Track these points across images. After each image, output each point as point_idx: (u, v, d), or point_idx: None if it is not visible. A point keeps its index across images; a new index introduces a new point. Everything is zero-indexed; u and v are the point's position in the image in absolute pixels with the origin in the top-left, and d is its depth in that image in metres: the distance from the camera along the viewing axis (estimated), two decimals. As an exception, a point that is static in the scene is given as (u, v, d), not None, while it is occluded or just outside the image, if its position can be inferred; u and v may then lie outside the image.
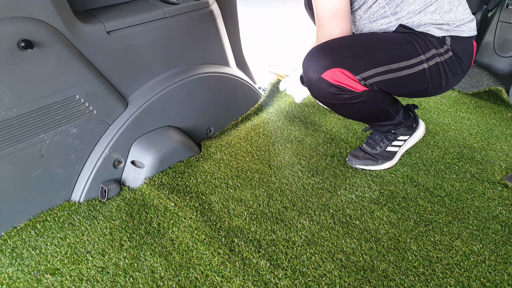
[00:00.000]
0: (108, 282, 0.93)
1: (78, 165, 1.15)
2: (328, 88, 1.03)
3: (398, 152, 1.35)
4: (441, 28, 1.06)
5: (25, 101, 0.95)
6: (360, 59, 1.02)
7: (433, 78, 1.10)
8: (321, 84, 1.03)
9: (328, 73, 1.01)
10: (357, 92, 1.05)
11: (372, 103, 1.11)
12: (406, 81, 1.07)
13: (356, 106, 1.10)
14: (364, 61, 1.02)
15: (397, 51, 1.05)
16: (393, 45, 1.06)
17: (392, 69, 1.04)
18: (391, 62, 1.04)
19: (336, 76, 1.01)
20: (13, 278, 0.94)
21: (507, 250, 1.03)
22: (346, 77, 1.01)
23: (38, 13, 0.90)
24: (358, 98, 1.06)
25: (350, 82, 1.02)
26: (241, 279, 0.93)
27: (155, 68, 1.24)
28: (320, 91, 1.05)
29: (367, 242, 1.05)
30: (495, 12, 2.04)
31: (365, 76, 1.02)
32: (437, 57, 1.07)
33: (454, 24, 1.06)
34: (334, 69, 1.00)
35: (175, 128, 1.35)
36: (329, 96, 1.06)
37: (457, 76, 1.13)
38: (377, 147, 1.33)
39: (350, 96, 1.05)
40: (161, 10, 1.18)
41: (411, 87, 1.12)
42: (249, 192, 1.22)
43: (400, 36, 1.07)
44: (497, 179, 1.30)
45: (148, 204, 1.17)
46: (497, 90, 1.80)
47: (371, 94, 1.08)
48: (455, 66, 1.10)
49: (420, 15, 1.05)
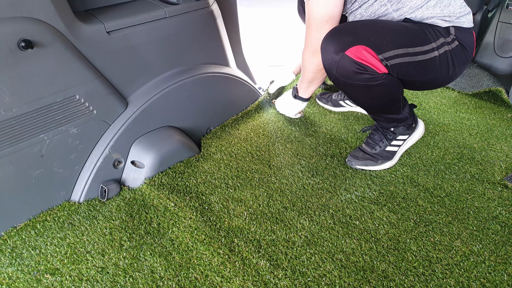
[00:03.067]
0: (108, 282, 0.93)
1: (78, 165, 1.15)
2: (351, 66, 1.02)
3: (397, 152, 1.35)
4: (444, 19, 1.08)
5: (25, 101, 0.95)
6: (382, 39, 1.02)
7: (442, 67, 1.11)
8: (344, 61, 1.02)
9: (353, 50, 1.00)
10: (378, 73, 1.04)
11: (390, 88, 1.11)
12: (419, 67, 1.08)
13: (374, 90, 1.09)
14: (385, 41, 1.02)
15: (413, 36, 1.06)
16: (408, 30, 1.07)
17: (409, 52, 1.05)
18: (409, 46, 1.04)
19: (360, 53, 1.00)
20: (13, 278, 0.94)
21: (507, 251, 1.03)
22: (370, 55, 1.01)
23: (38, 13, 0.90)
24: (377, 80, 1.06)
25: (373, 60, 1.02)
26: (241, 279, 0.93)
27: (155, 68, 1.24)
28: (342, 69, 1.04)
29: (367, 243, 1.05)
30: (495, 13, 2.04)
31: (387, 56, 1.02)
32: (446, 45, 1.08)
33: (454, 16, 1.08)
34: (358, 46, 0.99)
35: (175, 128, 1.35)
36: (351, 74, 1.04)
37: (462, 66, 1.15)
38: (377, 147, 1.33)
39: (370, 77, 1.05)
40: (161, 10, 1.18)
41: (423, 74, 1.12)
42: (249, 192, 1.22)
43: (412, 24, 1.09)
44: (497, 179, 1.30)
45: (148, 204, 1.17)
46: (497, 90, 1.80)
47: (389, 78, 1.08)
48: (461, 55, 1.12)
49: (422, 10, 1.06)
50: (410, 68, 1.08)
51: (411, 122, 1.33)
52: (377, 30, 1.04)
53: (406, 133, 1.34)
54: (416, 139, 1.39)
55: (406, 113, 1.29)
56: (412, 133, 1.36)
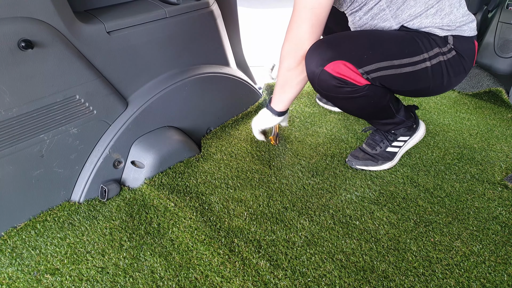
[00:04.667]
0: (108, 282, 0.93)
1: (78, 165, 1.15)
2: (330, 80, 1.02)
3: (398, 152, 1.35)
4: (443, 28, 1.06)
5: (25, 101, 0.95)
6: (363, 53, 1.01)
7: (435, 77, 1.09)
8: (324, 76, 1.02)
9: (331, 65, 1.00)
10: (359, 86, 1.04)
11: (374, 98, 1.10)
12: (408, 78, 1.07)
13: (358, 101, 1.09)
14: (367, 55, 1.01)
15: (401, 48, 1.04)
16: (397, 41, 1.05)
17: (394, 65, 1.03)
18: (394, 58, 1.03)
19: (339, 68, 1.00)
20: (13, 278, 0.94)
21: (507, 251, 1.03)
22: (349, 70, 1.00)
23: (38, 13, 0.90)
24: (360, 92, 1.06)
25: (353, 75, 1.01)
26: (241, 280, 0.93)
27: (155, 68, 1.24)
28: (322, 83, 1.04)
29: (367, 243, 1.05)
30: (495, 13, 2.04)
31: (367, 69, 1.01)
32: (440, 56, 1.07)
33: (454, 25, 1.06)
34: (337, 61, 0.99)
35: (175, 128, 1.35)
36: (332, 89, 1.05)
37: (459, 75, 1.13)
38: (377, 148, 1.33)
39: (352, 90, 1.05)
40: (161, 10, 1.18)
41: (412, 84, 1.12)
42: (249, 192, 1.22)
43: (404, 34, 1.07)
44: (497, 179, 1.30)
45: (148, 204, 1.17)
46: (497, 90, 1.80)
47: (372, 89, 1.07)
48: (458, 66, 1.10)
49: (421, 18, 1.05)
50: (395, 80, 1.07)
51: (411, 123, 1.33)
52: (359, 43, 1.03)
53: (407, 134, 1.33)
54: (417, 140, 1.39)
55: (402, 116, 1.27)
56: (413, 134, 1.35)
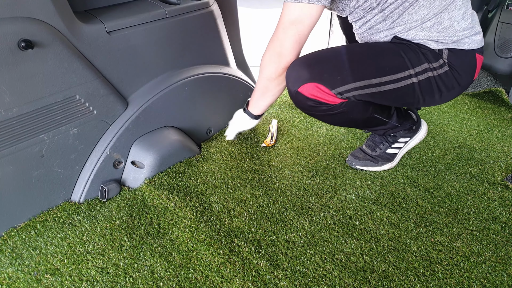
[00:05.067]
0: (108, 282, 0.93)
1: (78, 165, 1.15)
2: (305, 101, 1.05)
3: (398, 154, 1.35)
4: (438, 41, 1.02)
5: (25, 101, 0.95)
6: (336, 74, 1.01)
7: (424, 92, 1.06)
8: (299, 97, 1.05)
9: (304, 87, 1.02)
10: (333, 105, 1.05)
11: (353, 113, 1.11)
12: (390, 95, 1.05)
13: (337, 116, 1.10)
14: (340, 76, 1.01)
15: (381, 65, 1.02)
16: (378, 58, 1.03)
17: (372, 83, 1.02)
18: (372, 77, 1.02)
19: (312, 90, 1.02)
20: (13, 278, 0.94)
21: (507, 251, 1.03)
22: (321, 92, 1.01)
23: (38, 13, 0.90)
24: (336, 109, 1.07)
25: (326, 96, 1.02)
26: (241, 280, 0.93)
27: (155, 68, 1.24)
28: (299, 103, 1.08)
29: (367, 243, 1.05)
30: (495, 13, 2.04)
31: (341, 90, 1.01)
32: (429, 71, 1.03)
33: (452, 39, 1.02)
34: (310, 83, 1.01)
35: (175, 129, 1.35)
36: (308, 108, 1.08)
37: (453, 90, 1.09)
38: (377, 149, 1.33)
39: (328, 108, 1.06)
40: (161, 10, 1.18)
41: (396, 100, 1.11)
42: (249, 192, 1.22)
43: (389, 48, 1.03)
44: (497, 180, 1.30)
45: (148, 205, 1.17)
46: (497, 91, 1.80)
47: (350, 105, 1.07)
48: (450, 81, 1.06)
49: (416, 30, 1.01)
50: (376, 97, 1.05)
51: (409, 125, 1.31)
52: (335, 63, 1.02)
53: (407, 135, 1.33)
54: (418, 141, 1.38)
55: (395, 122, 1.25)
56: (414, 135, 1.35)
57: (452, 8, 0.99)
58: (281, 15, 1.00)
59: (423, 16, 0.98)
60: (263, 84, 1.15)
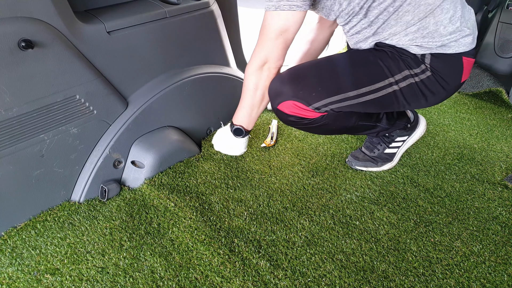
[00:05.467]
0: (108, 282, 0.93)
1: (78, 165, 1.15)
2: (286, 117, 1.08)
3: (397, 153, 1.35)
4: (422, 46, 0.99)
5: (25, 101, 0.95)
6: (312, 90, 1.01)
7: (408, 99, 1.05)
8: (279, 114, 1.08)
9: (283, 105, 1.04)
10: (313, 118, 1.06)
11: (335, 124, 1.12)
12: (372, 105, 1.05)
13: (320, 128, 1.12)
14: (316, 92, 1.01)
15: (358, 77, 1.02)
16: (355, 70, 1.03)
17: (349, 96, 1.02)
18: (348, 90, 1.01)
19: (290, 107, 1.04)
20: (13, 278, 0.94)
21: (507, 251, 1.03)
22: (299, 108, 1.03)
23: (38, 13, 0.90)
24: (317, 122, 1.08)
25: (304, 112, 1.04)
26: (241, 280, 0.93)
27: (155, 68, 1.24)
28: (281, 118, 1.11)
29: (367, 243, 1.05)
30: (496, 13, 2.04)
31: (317, 106, 1.02)
32: (411, 78, 1.01)
33: (436, 44, 0.98)
34: (287, 101, 1.03)
35: (175, 128, 1.35)
36: (290, 123, 1.10)
37: (439, 94, 1.06)
38: (375, 150, 1.33)
39: (309, 122, 1.08)
40: (161, 10, 1.18)
41: (380, 108, 1.10)
42: (249, 192, 1.22)
43: (367, 58, 1.03)
44: (497, 180, 1.30)
45: (148, 204, 1.17)
46: (497, 91, 1.80)
47: (331, 117, 1.07)
48: (434, 86, 1.04)
49: (400, 35, 0.99)
50: (357, 108, 1.05)
51: (404, 124, 1.29)
52: (310, 81, 1.03)
53: (404, 134, 1.32)
54: (417, 138, 1.37)
55: (385, 124, 1.24)
56: (412, 133, 1.34)
57: (438, 12, 0.95)
58: (265, 25, 0.99)
59: (408, 21, 0.96)
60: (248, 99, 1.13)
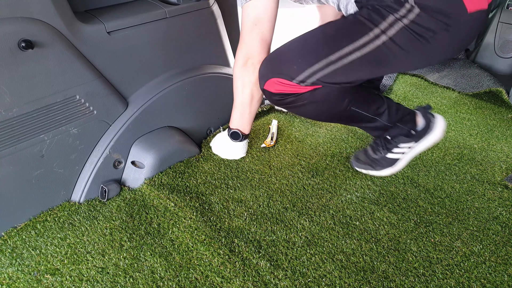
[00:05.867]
0: (108, 283, 0.93)
1: (78, 165, 1.15)
2: (272, 96, 1.06)
3: (401, 159, 1.25)
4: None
5: (25, 101, 0.95)
6: (292, 63, 0.99)
7: (405, 46, 0.92)
8: (266, 94, 1.08)
9: (267, 84, 1.04)
10: (300, 94, 1.03)
11: (325, 104, 1.06)
12: (361, 65, 0.96)
13: (308, 108, 1.08)
14: (296, 65, 0.99)
15: (338, 38, 0.96)
16: (334, 33, 0.97)
17: (332, 60, 0.95)
18: (329, 54, 0.95)
19: (274, 85, 1.03)
20: (13, 278, 0.94)
21: (507, 251, 1.03)
22: (283, 85, 1.01)
23: (38, 13, 0.90)
24: (304, 99, 1.04)
25: (289, 87, 1.02)
26: (241, 280, 0.93)
27: (156, 68, 1.24)
28: (269, 99, 1.10)
29: (367, 243, 1.05)
30: (496, 13, 2.04)
31: (301, 78, 0.99)
32: (398, 21, 0.89)
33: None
34: (272, 79, 1.02)
35: (175, 129, 1.35)
36: (277, 101, 1.08)
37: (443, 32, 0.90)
38: (378, 153, 1.26)
39: (295, 99, 1.04)
40: (161, 10, 1.18)
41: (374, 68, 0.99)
42: (249, 192, 1.22)
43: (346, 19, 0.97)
44: (497, 180, 1.30)
45: (148, 205, 1.17)
46: (497, 91, 1.80)
47: (319, 94, 1.03)
48: (430, 23, 0.88)
49: None
50: (345, 73, 0.97)
51: (406, 130, 1.19)
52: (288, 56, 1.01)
53: (408, 141, 1.21)
54: (429, 145, 1.21)
55: (385, 121, 1.17)
56: (419, 140, 1.21)
57: None
58: (242, 20, 1.02)
59: None
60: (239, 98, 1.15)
